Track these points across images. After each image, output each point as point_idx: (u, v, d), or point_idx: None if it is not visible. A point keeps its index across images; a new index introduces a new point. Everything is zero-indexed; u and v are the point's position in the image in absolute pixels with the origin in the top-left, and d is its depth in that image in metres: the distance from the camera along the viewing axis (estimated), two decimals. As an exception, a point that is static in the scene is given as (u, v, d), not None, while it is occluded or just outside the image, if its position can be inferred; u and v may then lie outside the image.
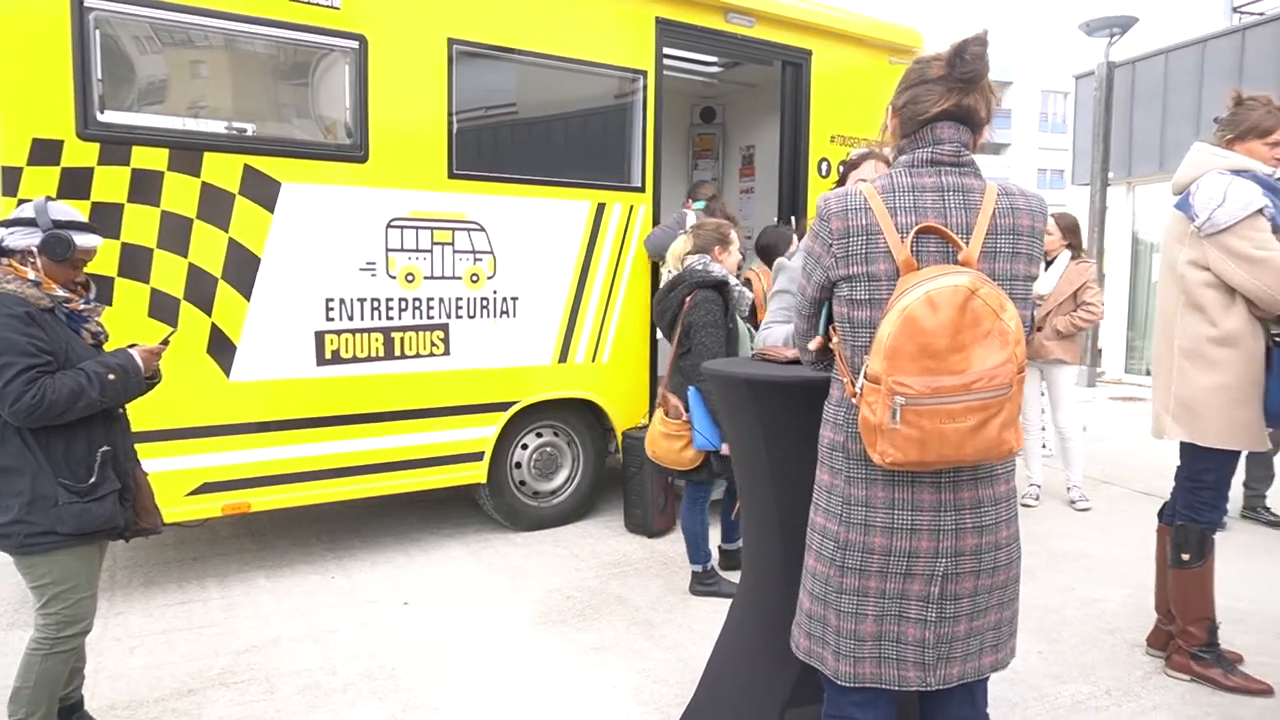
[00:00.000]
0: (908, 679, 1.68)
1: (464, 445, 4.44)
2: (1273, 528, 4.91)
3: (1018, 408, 1.57)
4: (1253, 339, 2.83)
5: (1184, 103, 11.21)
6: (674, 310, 3.87)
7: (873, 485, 1.66)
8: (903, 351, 1.50)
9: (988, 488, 1.67)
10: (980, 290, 1.50)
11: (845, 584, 1.69)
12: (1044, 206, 1.71)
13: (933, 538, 1.63)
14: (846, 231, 1.65)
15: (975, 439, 1.52)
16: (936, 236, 1.61)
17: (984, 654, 1.72)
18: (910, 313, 1.50)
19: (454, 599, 3.83)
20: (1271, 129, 2.87)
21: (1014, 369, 1.52)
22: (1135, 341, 12.29)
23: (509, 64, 4.48)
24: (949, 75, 1.66)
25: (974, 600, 1.67)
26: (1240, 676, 2.98)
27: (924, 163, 1.67)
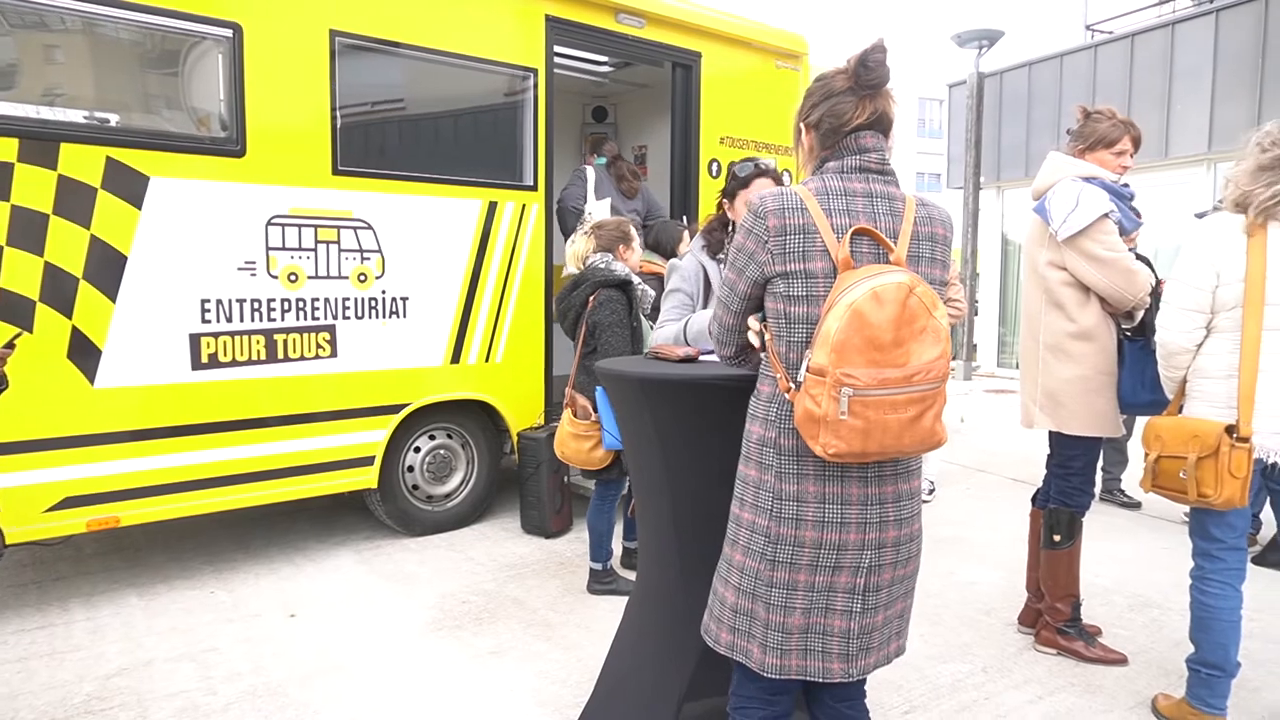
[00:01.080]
0: (832, 670, 1.73)
1: (353, 450, 4.31)
2: (1127, 509, 5.30)
3: (945, 401, 1.65)
4: (1107, 334, 3.04)
5: (1045, 112, 11.96)
6: (577, 309, 3.86)
7: (804, 480, 1.69)
8: (850, 345, 1.55)
9: (906, 482, 1.75)
10: (917, 289, 1.58)
11: (775, 578, 1.72)
12: (950, 218, 1.82)
13: (860, 530, 1.69)
14: (783, 229, 1.68)
15: (914, 430, 1.59)
16: (868, 239, 1.68)
17: (891, 642, 1.81)
18: (858, 307, 1.55)
19: (344, 609, 3.70)
20: (1117, 140, 3.09)
21: (946, 364, 1.61)
22: (1006, 337, 13.03)
23: (396, 58, 4.36)
24: (856, 85, 1.75)
25: (890, 590, 1.75)
26: (1100, 648, 3.20)
27: (853, 169, 1.74)
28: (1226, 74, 9.81)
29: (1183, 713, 2.68)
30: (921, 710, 2.85)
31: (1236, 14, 9.77)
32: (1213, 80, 9.95)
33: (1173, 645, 3.27)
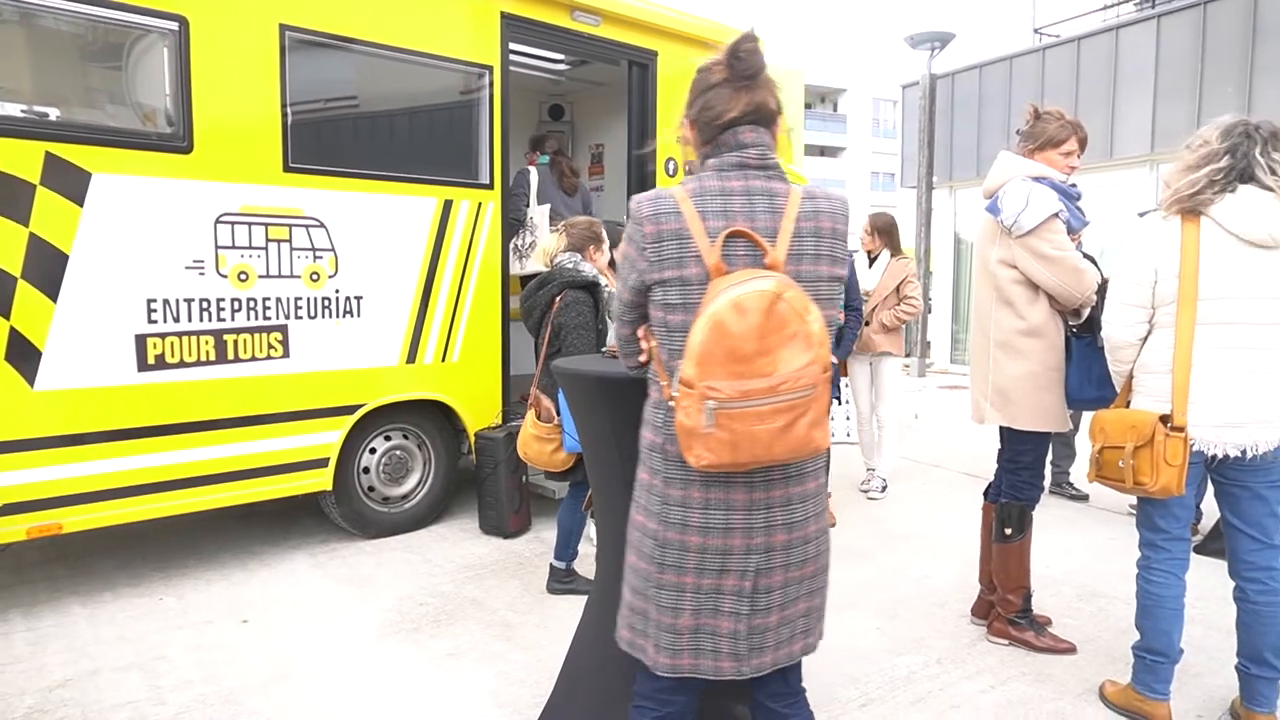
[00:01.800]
0: (723, 669, 1.73)
1: (307, 452, 4.24)
2: (1075, 501, 5.43)
3: (825, 407, 1.60)
4: (1055, 331, 3.11)
5: (996, 113, 12.20)
6: (542, 309, 3.83)
7: (689, 485, 1.69)
8: (712, 356, 1.52)
9: (797, 485, 1.73)
10: (785, 294, 1.53)
11: (664, 580, 1.72)
12: (845, 208, 1.74)
13: (745, 535, 1.68)
14: (659, 235, 1.66)
15: (785, 439, 1.56)
16: (745, 240, 1.64)
17: (794, 641, 1.79)
18: (718, 318, 1.52)
19: (299, 614, 3.64)
20: (1064, 140, 3.16)
21: (818, 370, 1.55)
22: (959, 334, 13.26)
23: (348, 54, 4.30)
24: (732, 76, 1.71)
25: (784, 592, 1.73)
26: (1050, 638, 3.28)
27: (731, 166, 1.69)
28: (1168, 77, 10.10)
29: (1128, 698, 2.76)
30: (878, 702, 2.88)
31: (1177, 19, 10.06)
32: (1155, 83, 10.23)
33: (1119, 633, 3.35)
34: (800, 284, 1.62)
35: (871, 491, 5.58)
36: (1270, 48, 9.09)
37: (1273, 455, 2.48)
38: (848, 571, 4.14)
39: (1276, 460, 2.50)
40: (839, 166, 44.83)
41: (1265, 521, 2.56)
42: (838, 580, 3.96)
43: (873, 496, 5.53)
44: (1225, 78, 9.49)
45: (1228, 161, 2.46)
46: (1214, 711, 2.80)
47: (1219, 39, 9.57)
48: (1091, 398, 3.01)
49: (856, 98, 45.67)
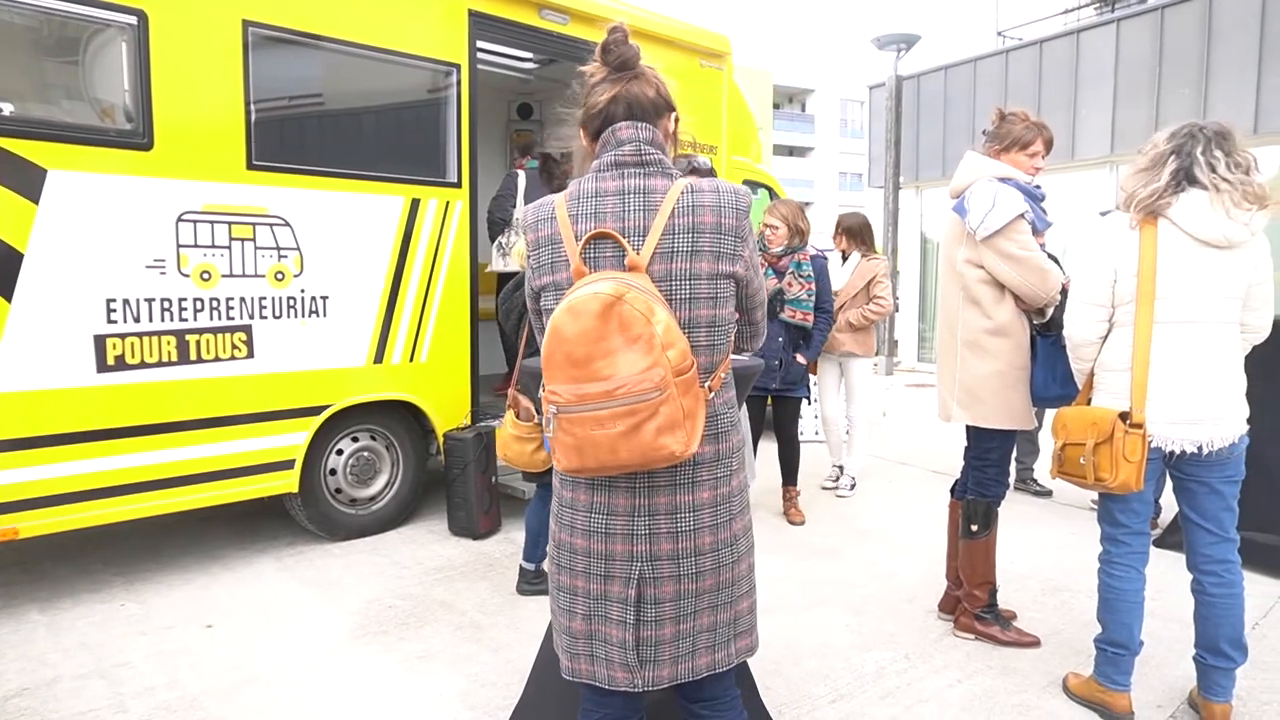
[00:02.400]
0: (616, 679, 1.70)
1: (272, 453, 4.18)
2: (1040, 497, 5.52)
3: (679, 412, 1.52)
4: (1021, 330, 3.15)
5: (961, 115, 12.35)
6: (521, 309, 3.80)
7: (577, 488, 1.70)
8: (553, 361, 1.53)
9: (686, 494, 1.67)
10: (627, 296, 1.50)
11: (560, 582, 1.74)
12: (739, 202, 1.67)
13: (627, 541, 1.66)
14: (538, 242, 1.68)
15: (629, 444, 1.51)
16: (612, 242, 1.62)
17: (698, 656, 1.72)
18: (555, 323, 1.52)
19: (265, 617, 3.59)
20: (1030, 142, 3.21)
21: (663, 372, 1.49)
22: (926, 333, 13.41)
23: (314, 51, 4.24)
24: (608, 71, 1.72)
25: (678, 605, 1.67)
26: (1015, 631, 3.33)
27: (608, 166, 1.68)
28: (1127, 80, 10.29)
29: (1091, 690, 2.81)
30: (848, 698, 2.91)
31: (1135, 24, 10.26)
32: (1114, 86, 10.42)
33: (1082, 626, 3.41)
34: (671, 283, 1.61)
35: (840, 489, 5.62)
36: (1225, 51, 9.30)
37: (1228, 451, 2.54)
38: (816, 569, 4.17)
39: (1232, 456, 2.56)
40: (807, 166, 45.13)
41: (1221, 516, 2.62)
42: (807, 578, 4.02)
43: (842, 494, 5.58)
44: (1182, 80, 9.69)
45: (1174, 163, 2.52)
46: (1173, 701, 2.86)
47: (1176, 43, 9.78)
48: (1055, 396, 3.06)
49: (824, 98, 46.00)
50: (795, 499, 5.06)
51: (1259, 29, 8.98)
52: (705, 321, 1.65)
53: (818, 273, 4.89)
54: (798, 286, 4.81)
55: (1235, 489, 2.61)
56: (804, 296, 4.81)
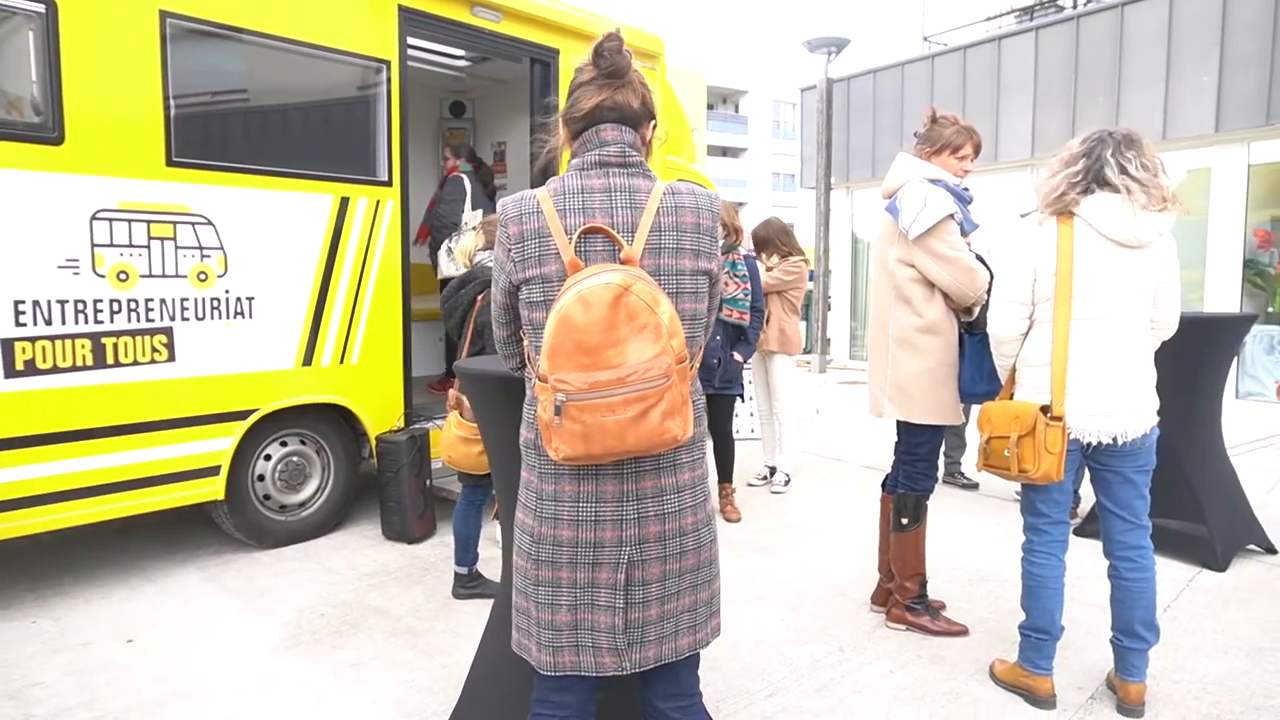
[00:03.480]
0: (604, 664, 1.73)
1: (196, 460, 4.04)
2: (967, 490, 5.68)
3: (681, 398, 1.60)
4: (950, 328, 3.24)
5: (889, 117, 12.64)
6: (464, 309, 3.75)
7: (560, 479, 1.71)
8: (561, 349, 1.55)
9: (669, 476, 1.73)
10: (634, 287, 1.55)
11: (541, 576, 1.73)
12: (713, 204, 1.76)
13: (616, 528, 1.69)
14: (522, 235, 1.69)
15: (637, 429, 1.56)
16: (603, 236, 1.67)
17: (680, 636, 1.78)
18: (565, 312, 1.55)
19: (189, 630, 3.47)
20: (960, 146, 3.30)
21: (670, 360, 1.56)
22: (858, 331, 13.69)
23: (237, 45, 4.12)
24: (597, 75, 1.76)
25: (663, 585, 1.73)
26: (944, 621, 3.42)
27: (592, 165, 1.73)
28: (1046, 87, 10.67)
29: (1015, 675, 2.90)
30: (783, 692, 2.95)
31: (1053, 32, 10.64)
32: (1034, 92, 10.79)
33: (1008, 614, 3.52)
34: (659, 278, 1.66)
35: (775, 486, 5.70)
36: (1136, 60, 9.72)
37: (1140, 441, 2.66)
38: (752, 565, 4.22)
39: (1144, 446, 2.68)
40: (741, 167, 45.61)
41: (1135, 504, 2.73)
42: (743, 574, 4.06)
43: (776, 490, 5.66)
44: (1097, 88, 10.09)
45: (1084, 164, 2.63)
46: (1092, 683, 2.97)
47: (1090, 52, 10.18)
48: (982, 392, 3.16)
49: (757, 99, 46.55)
50: (731, 496, 5.11)
51: (1166, 41, 9.41)
52: (689, 315, 1.72)
53: (750, 273, 4.96)
54: (734, 286, 4.87)
55: (1147, 478, 2.73)
56: (740, 296, 4.87)
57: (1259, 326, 9.21)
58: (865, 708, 2.84)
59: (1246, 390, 9.31)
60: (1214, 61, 9.01)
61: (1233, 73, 8.89)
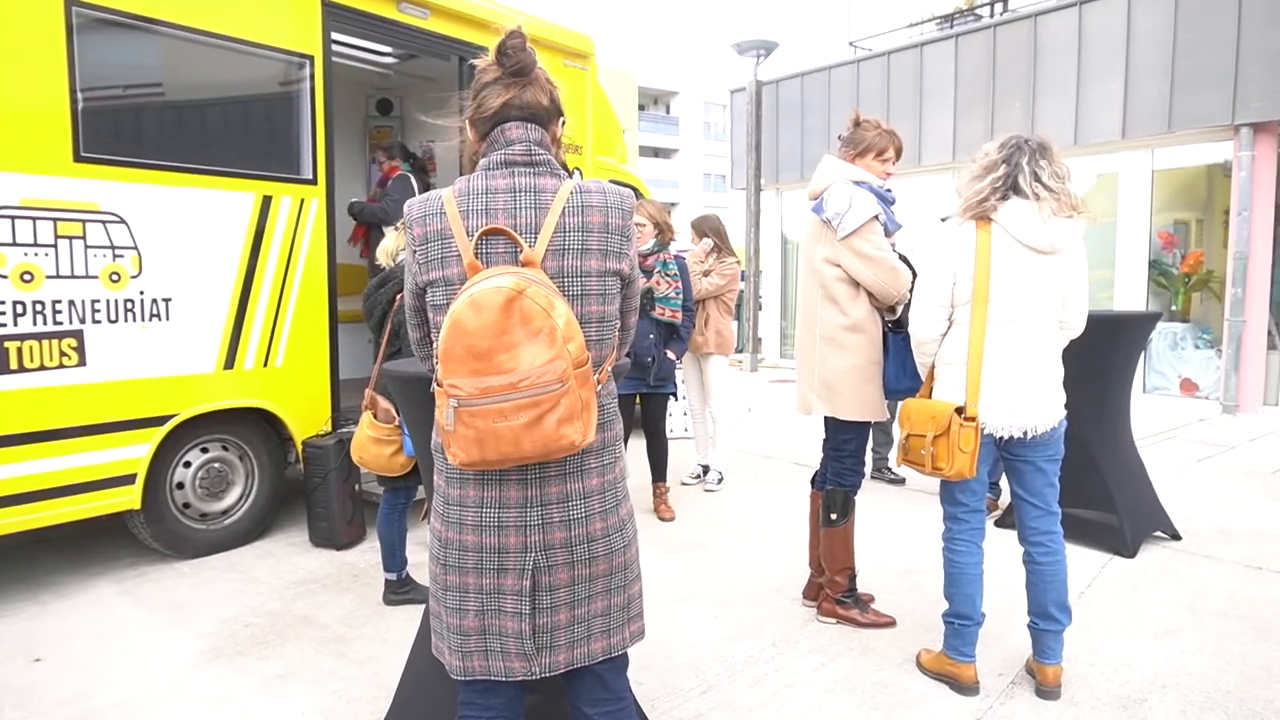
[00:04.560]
0: (513, 669, 1.72)
1: (109, 468, 3.88)
2: (894, 484, 5.83)
3: (580, 403, 1.57)
4: (874, 326, 3.31)
5: (817, 120, 12.87)
6: (383, 308, 3.69)
7: (465, 484, 1.69)
8: (453, 354, 1.53)
9: (576, 482, 1.71)
10: (528, 290, 1.52)
11: (449, 581, 1.72)
12: (624, 203, 1.73)
13: (520, 533, 1.67)
14: (426, 237, 1.67)
15: (532, 435, 1.53)
16: (505, 238, 1.64)
17: (593, 640, 1.75)
18: (456, 316, 1.53)
19: (104, 647, 3.33)
20: (884, 148, 3.38)
21: (565, 365, 1.53)
22: (788, 330, 13.90)
23: (151, 37, 3.96)
24: (503, 74, 1.74)
25: (572, 590, 1.71)
26: (873, 614, 3.50)
27: (498, 165, 1.70)
28: (965, 92, 11.01)
29: (941, 663, 2.99)
30: (717, 688, 2.98)
31: (971, 40, 10.99)
32: (954, 97, 11.13)
33: (933, 605, 3.62)
34: (563, 279, 1.65)
35: (708, 484, 5.75)
36: (1049, 68, 10.10)
37: (1049, 433, 2.78)
38: (686, 564, 4.25)
39: (1052, 438, 2.80)
40: (672, 168, 45.86)
41: (1045, 491, 2.85)
42: (677, 573, 4.08)
43: (709, 489, 5.71)
44: (1014, 94, 10.46)
45: (1004, 170, 2.73)
46: (1013, 669, 3.09)
47: (1007, 60, 10.54)
48: (906, 388, 3.24)
49: (688, 101, 46.86)
50: (665, 495, 5.14)
51: (1077, 51, 9.80)
52: (595, 317, 1.69)
53: (681, 271, 5.00)
54: (666, 285, 4.89)
55: (1056, 467, 2.86)
56: (673, 294, 4.90)
57: (1163, 324, 9.68)
58: (797, 701, 2.89)
59: (1153, 385, 9.77)
60: (1120, 71, 9.43)
61: (1137, 82, 9.32)
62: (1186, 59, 8.89)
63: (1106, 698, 2.89)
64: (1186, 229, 10.03)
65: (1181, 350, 9.74)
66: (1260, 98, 8.39)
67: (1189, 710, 2.80)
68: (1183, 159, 9.52)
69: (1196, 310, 9.91)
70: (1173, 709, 2.81)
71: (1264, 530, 4.71)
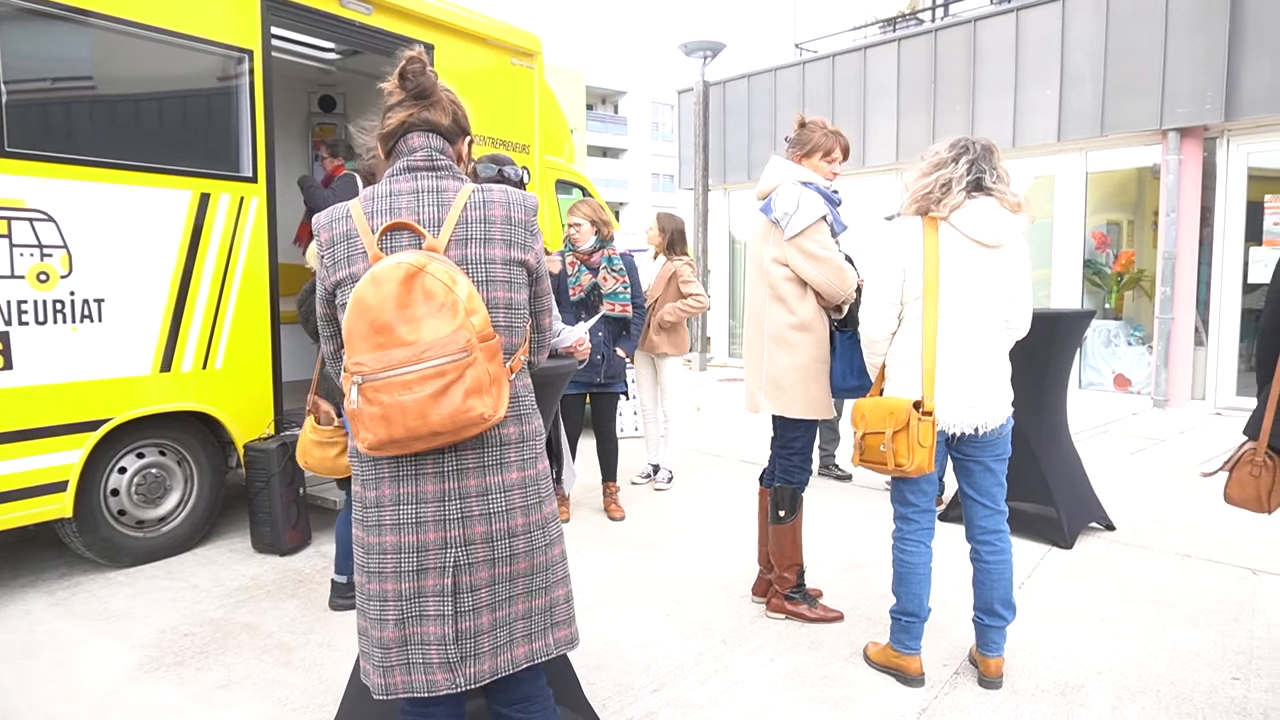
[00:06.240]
0: (436, 682, 1.68)
1: (38, 475, 3.73)
2: (841, 481, 5.91)
3: (488, 376, 1.57)
4: (821, 325, 3.36)
5: (763, 121, 13.00)
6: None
7: (380, 484, 1.69)
8: (356, 332, 1.57)
9: (495, 475, 1.70)
10: (429, 267, 1.56)
11: (370, 589, 1.70)
12: (525, 200, 1.78)
13: (439, 528, 1.66)
14: (332, 240, 1.73)
15: (438, 406, 1.53)
16: (409, 232, 1.70)
17: (515, 645, 1.73)
18: (357, 295, 1.57)
19: (34, 661, 3.20)
20: (830, 149, 3.43)
21: (469, 335, 1.54)
22: (737, 329, 13.99)
23: (80, 28, 3.83)
24: (405, 96, 1.81)
25: (493, 590, 1.69)
26: (821, 609, 3.54)
27: (401, 171, 1.77)
28: (908, 95, 11.22)
29: (887, 656, 3.04)
30: (669, 686, 2.99)
31: (913, 43, 11.20)
32: (897, 100, 11.33)
33: (880, 599, 3.69)
34: (468, 265, 1.69)
35: (658, 483, 5.76)
36: (988, 72, 10.35)
37: (998, 431, 2.84)
38: (637, 563, 4.26)
39: (1001, 436, 2.86)
40: (620, 167, 45.88)
41: (994, 490, 2.91)
42: (628, 572, 4.09)
43: (659, 488, 5.72)
44: (955, 97, 10.69)
45: (965, 168, 2.77)
46: (956, 660, 3.15)
47: (948, 63, 10.77)
48: (853, 386, 3.29)
49: (636, 101, 46.93)
50: (615, 495, 5.14)
51: (1014, 56, 10.06)
52: (502, 303, 1.73)
53: (629, 269, 5.00)
54: (612, 280, 4.90)
55: (1004, 466, 2.92)
56: (620, 289, 4.91)
57: (1098, 321, 9.99)
58: (747, 696, 2.91)
59: (1088, 381, 10.08)
60: (1055, 76, 9.70)
61: (1072, 87, 9.60)
62: (1118, 65, 9.19)
63: (1046, 685, 2.97)
64: (1119, 230, 10.37)
65: (1115, 347, 10.06)
66: (1186, 104, 8.72)
67: (1123, 695, 2.89)
68: (1115, 162, 9.84)
69: (1129, 308, 10.25)
70: (1108, 694, 2.90)
71: (1193, 520, 4.89)
